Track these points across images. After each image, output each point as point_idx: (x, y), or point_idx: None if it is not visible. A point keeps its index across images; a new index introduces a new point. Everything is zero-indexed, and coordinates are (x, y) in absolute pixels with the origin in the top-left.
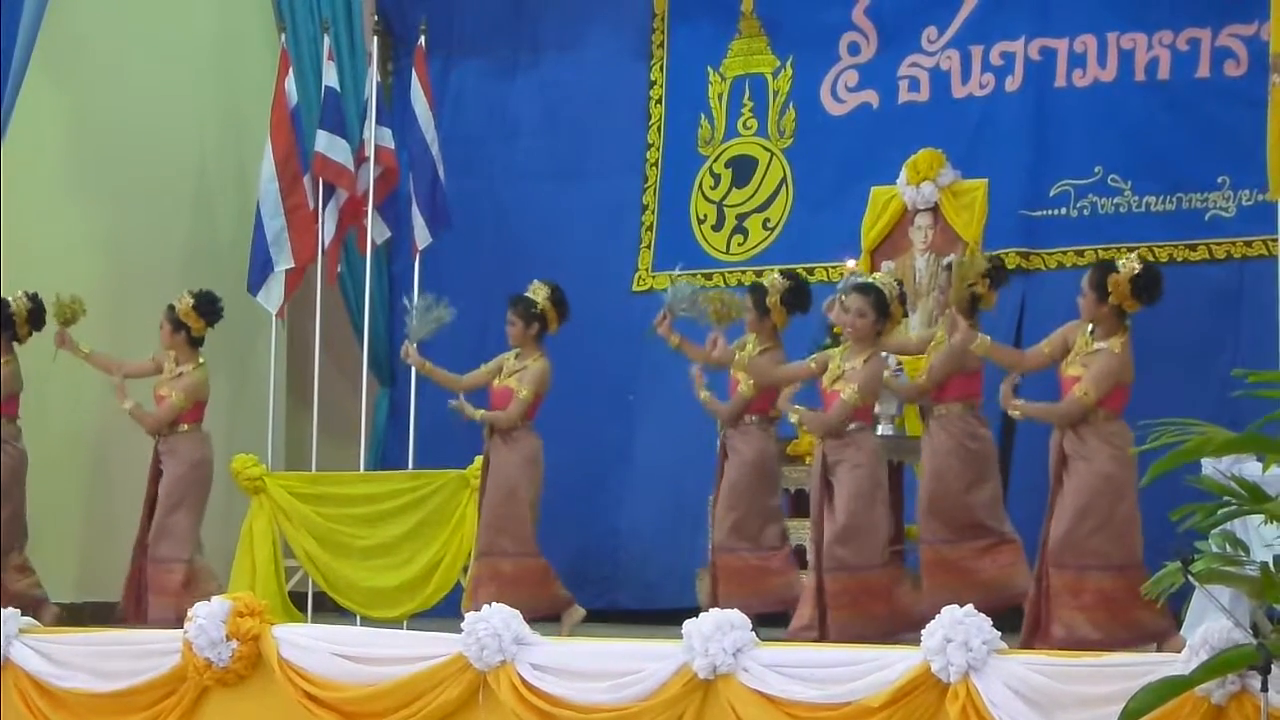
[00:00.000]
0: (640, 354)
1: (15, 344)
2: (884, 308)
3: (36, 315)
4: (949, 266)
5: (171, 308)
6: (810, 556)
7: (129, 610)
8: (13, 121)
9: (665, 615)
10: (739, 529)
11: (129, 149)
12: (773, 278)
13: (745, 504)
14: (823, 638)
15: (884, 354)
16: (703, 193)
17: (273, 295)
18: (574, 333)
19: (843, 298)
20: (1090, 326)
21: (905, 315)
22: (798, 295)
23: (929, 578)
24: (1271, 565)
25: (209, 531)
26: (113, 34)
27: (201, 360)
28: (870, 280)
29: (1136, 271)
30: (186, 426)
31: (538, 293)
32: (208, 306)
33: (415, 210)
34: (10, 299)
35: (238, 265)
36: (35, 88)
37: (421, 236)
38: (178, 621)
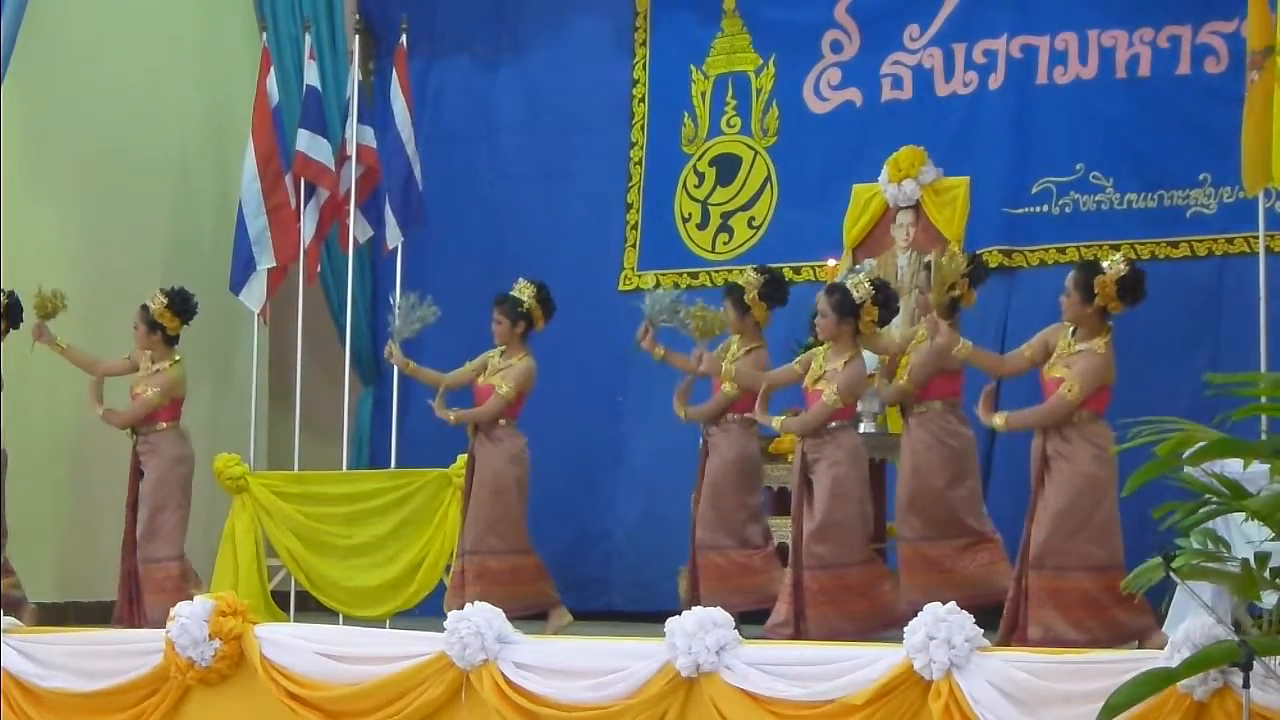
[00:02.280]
0: (628, 354)
1: None
2: (846, 308)
3: (14, 313)
4: (929, 265)
5: (145, 308)
6: (790, 553)
7: (124, 611)
8: None
9: (658, 616)
10: (722, 526)
11: (109, 147)
12: (748, 275)
13: (727, 502)
14: (798, 635)
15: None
16: (687, 191)
17: (255, 294)
18: (560, 332)
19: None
20: (1072, 328)
21: (880, 319)
22: (775, 288)
23: (908, 575)
24: (1253, 562)
25: (192, 530)
26: (93, 32)
27: (178, 358)
28: (840, 281)
29: (1123, 273)
30: (165, 424)
31: (524, 291)
32: (182, 305)
33: (387, 209)
34: None
35: (219, 264)
36: (15, 85)
37: (393, 235)
38: None
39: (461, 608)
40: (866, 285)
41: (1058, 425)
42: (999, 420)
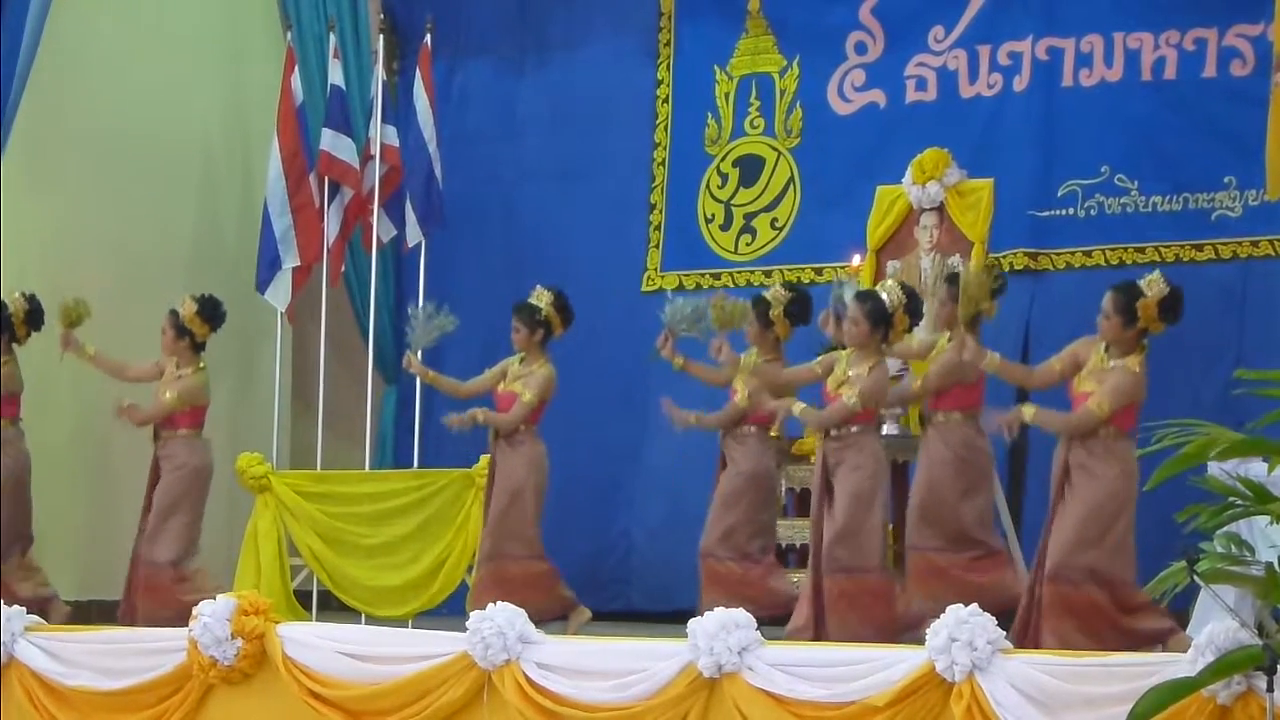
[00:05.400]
0: (649, 355)
1: (15, 345)
2: (879, 316)
3: (35, 316)
4: (950, 279)
5: (174, 313)
6: (810, 558)
7: (125, 611)
8: (19, 120)
9: (679, 616)
10: (727, 539)
11: (134, 147)
12: (775, 290)
13: (736, 515)
14: (818, 639)
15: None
16: (710, 192)
17: (280, 293)
18: (583, 334)
19: (835, 308)
20: (1105, 344)
21: (912, 326)
22: (800, 307)
23: (916, 584)
24: (1277, 565)
25: (214, 530)
26: (117, 32)
27: (202, 365)
28: (870, 288)
29: (1165, 294)
30: (185, 431)
31: (541, 299)
32: (211, 311)
33: (408, 207)
34: (8, 300)
35: (243, 264)
36: (39, 86)
37: (413, 234)
38: (167, 623)
39: (484, 609)
40: (899, 292)
41: (1082, 438)
42: (1027, 414)
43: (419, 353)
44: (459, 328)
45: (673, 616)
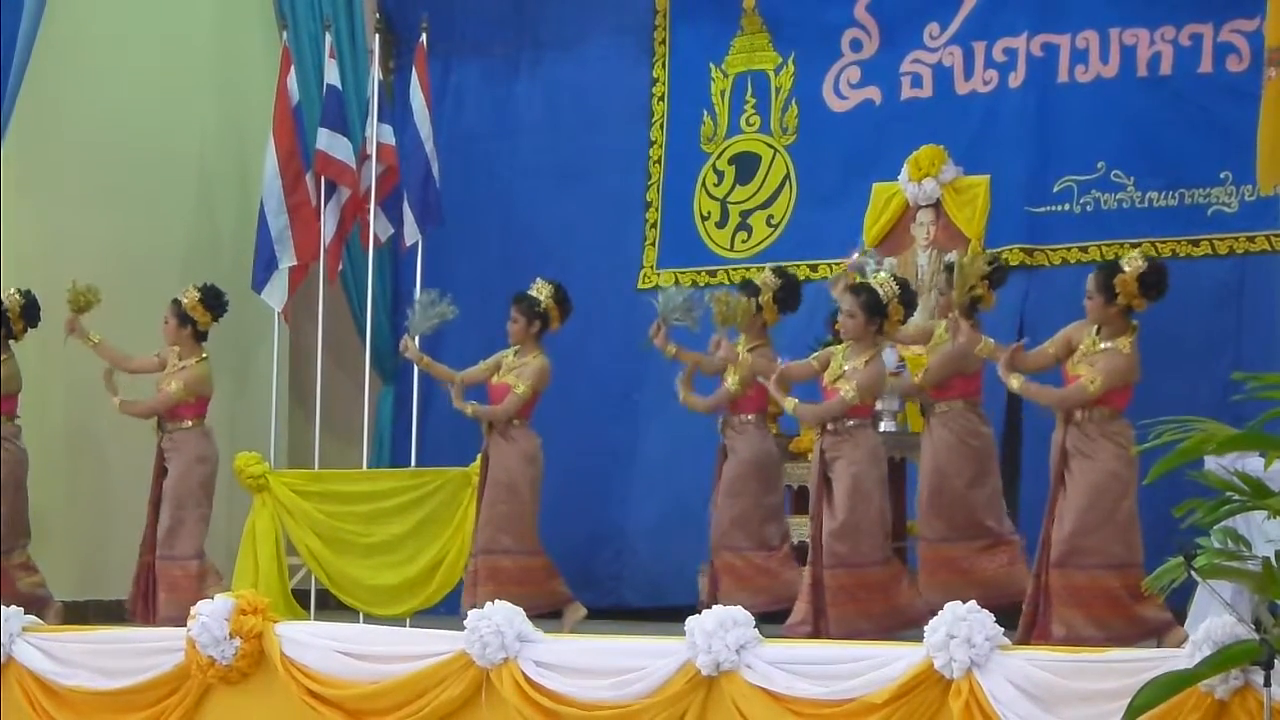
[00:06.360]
0: (645, 352)
1: (12, 342)
2: (875, 308)
3: (31, 311)
4: (949, 267)
5: (177, 302)
6: (810, 552)
7: (136, 608)
8: (14, 120)
9: (672, 612)
10: (739, 526)
11: (130, 147)
12: (764, 276)
13: (744, 501)
14: (817, 633)
15: (884, 353)
16: (706, 190)
17: (277, 293)
18: (579, 331)
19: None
20: (1096, 327)
21: (906, 317)
22: (790, 293)
23: (927, 575)
24: (1274, 560)
25: (213, 529)
26: (113, 32)
27: (204, 355)
28: (866, 280)
29: (1143, 269)
30: (190, 422)
31: (541, 291)
32: (213, 300)
33: (406, 206)
34: (4, 297)
35: (239, 264)
36: (35, 85)
37: (410, 233)
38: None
39: (475, 607)
40: (892, 284)
41: (1078, 421)
42: (1015, 382)
43: (416, 339)
44: (455, 325)
45: (667, 613)
